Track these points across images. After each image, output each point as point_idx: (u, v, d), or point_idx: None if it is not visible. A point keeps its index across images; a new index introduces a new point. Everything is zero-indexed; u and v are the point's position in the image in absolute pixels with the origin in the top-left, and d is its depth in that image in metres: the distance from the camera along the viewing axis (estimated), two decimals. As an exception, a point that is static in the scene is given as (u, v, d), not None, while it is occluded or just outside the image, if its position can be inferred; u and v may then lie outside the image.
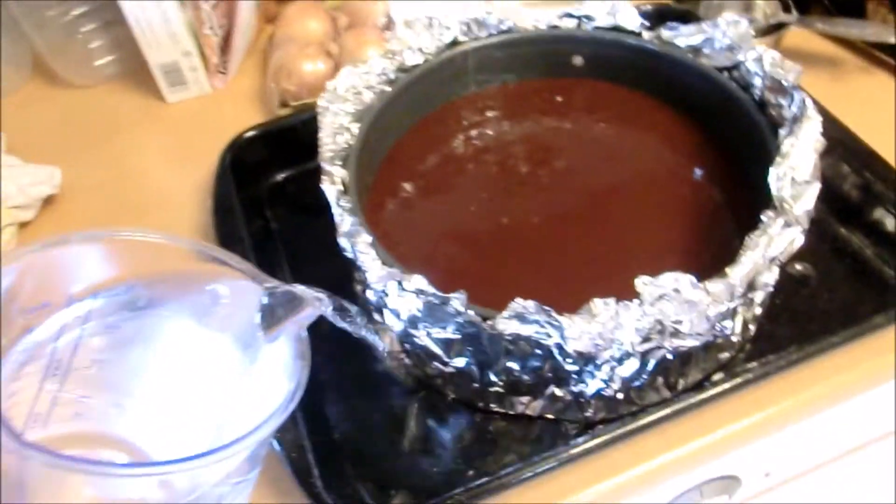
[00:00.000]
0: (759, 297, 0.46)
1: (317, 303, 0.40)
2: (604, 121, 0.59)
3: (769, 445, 0.51)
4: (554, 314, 0.40)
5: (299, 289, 0.40)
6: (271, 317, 0.40)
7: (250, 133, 0.62)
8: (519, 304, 0.40)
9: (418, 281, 0.41)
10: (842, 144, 0.56)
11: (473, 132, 0.59)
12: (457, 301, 0.41)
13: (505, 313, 0.40)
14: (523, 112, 0.60)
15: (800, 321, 0.50)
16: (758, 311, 0.48)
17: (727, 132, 0.55)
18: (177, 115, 0.72)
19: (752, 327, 0.49)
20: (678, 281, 0.40)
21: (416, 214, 0.54)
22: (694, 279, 0.40)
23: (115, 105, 0.74)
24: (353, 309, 0.42)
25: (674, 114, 0.58)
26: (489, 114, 0.60)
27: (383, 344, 0.46)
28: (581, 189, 0.55)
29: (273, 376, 0.40)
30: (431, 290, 0.41)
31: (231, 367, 0.42)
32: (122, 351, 0.41)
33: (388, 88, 0.56)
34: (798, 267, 0.53)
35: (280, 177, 0.63)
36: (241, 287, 0.41)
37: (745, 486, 0.56)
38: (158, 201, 0.65)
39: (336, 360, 0.49)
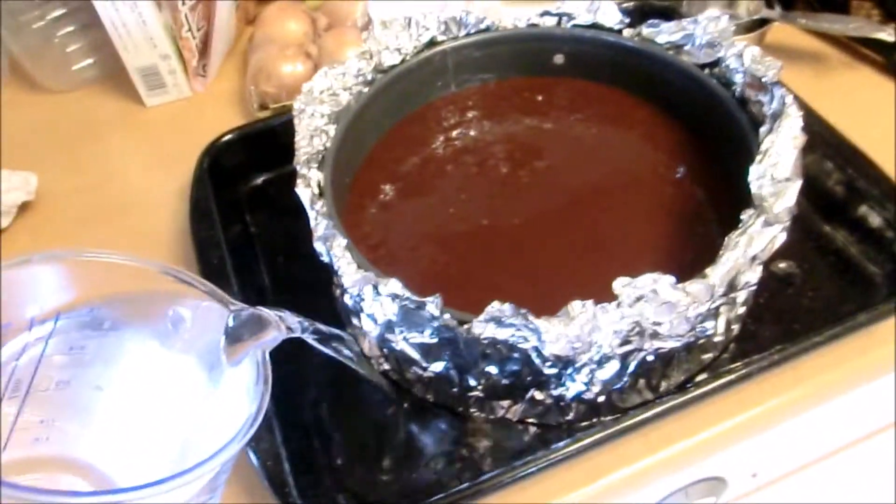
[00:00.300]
0: (741, 296, 0.46)
1: (281, 326, 0.39)
2: (585, 120, 0.58)
3: (755, 446, 0.50)
4: (531, 317, 0.39)
5: (265, 312, 0.39)
6: (236, 340, 0.39)
7: (228, 136, 0.61)
8: (495, 307, 0.39)
9: (394, 285, 0.41)
10: (825, 141, 0.55)
11: (453, 133, 0.58)
12: (432, 305, 0.40)
13: (481, 317, 0.39)
14: (503, 112, 0.59)
15: (784, 320, 0.50)
16: (741, 310, 0.47)
17: (708, 130, 0.54)
18: (156, 119, 0.71)
19: (735, 327, 0.48)
20: (656, 282, 0.39)
21: (396, 216, 0.53)
22: (673, 280, 0.39)
23: (93, 110, 0.73)
24: (332, 333, 0.42)
25: (655, 112, 0.57)
26: (469, 114, 0.59)
27: (366, 371, 0.45)
28: (562, 189, 0.54)
29: (236, 399, 0.39)
30: (406, 294, 0.40)
31: (195, 389, 0.41)
32: (85, 371, 0.40)
33: (366, 89, 0.55)
34: (782, 265, 0.52)
35: (259, 180, 0.62)
36: (206, 309, 0.40)
37: (732, 488, 0.55)
38: (136, 206, 0.64)
39: (313, 367, 0.48)
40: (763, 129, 0.47)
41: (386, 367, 0.48)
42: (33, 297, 0.39)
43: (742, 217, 0.42)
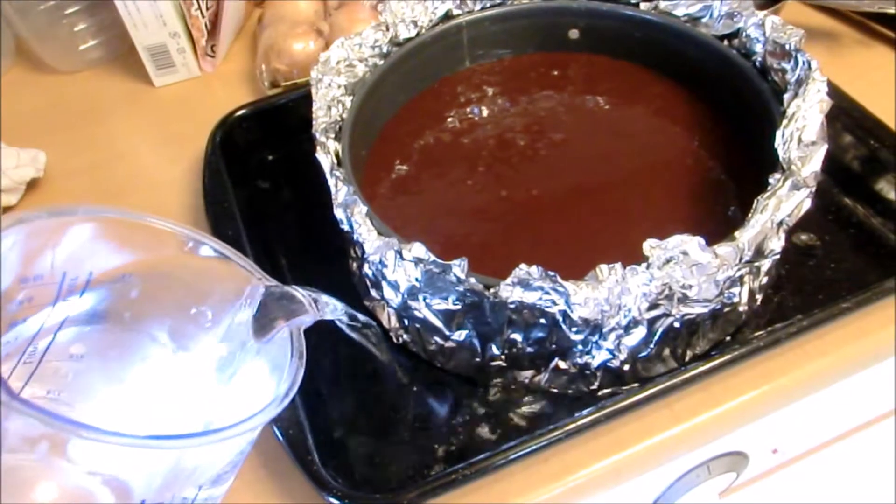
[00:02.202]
0: (765, 265, 0.45)
1: (316, 309, 0.39)
2: (602, 94, 0.58)
3: (778, 420, 0.50)
4: (559, 280, 0.38)
5: (300, 293, 0.39)
6: (268, 317, 0.39)
7: (241, 111, 0.61)
8: (523, 269, 0.38)
9: (418, 249, 0.40)
10: (845, 113, 0.55)
11: (469, 108, 0.58)
12: (457, 268, 0.39)
13: (508, 280, 0.39)
14: (519, 87, 0.59)
15: (807, 291, 0.49)
16: (764, 280, 0.47)
17: (728, 102, 0.54)
18: (165, 98, 0.71)
19: (759, 297, 0.47)
20: (686, 243, 0.39)
21: (414, 189, 0.53)
22: (702, 241, 0.39)
23: (102, 90, 0.72)
24: (363, 318, 0.42)
25: (673, 85, 0.57)
26: (484, 89, 0.59)
27: (387, 357, 0.45)
28: (580, 161, 0.54)
29: (261, 377, 0.39)
30: (431, 257, 0.40)
31: (207, 387, 0.41)
32: (96, 361, 0.39)
33: (381, 62, 0.54)
34: (803, 237, 0.52)
35: (271, 156, 0.61)
36: (235, 289, 0.40)
37: (754, 464, 0.55)
38: (146, 184, 0.63)
39: (333, 339, 0.48)
40: (787, 96, 0.47)
41: (406, 338, 0.47)
42: (71, 251, 0.38)
43: (770, 181, 0.42)
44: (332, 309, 0.40)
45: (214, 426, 0.38)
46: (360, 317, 0.42)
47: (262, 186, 0.59)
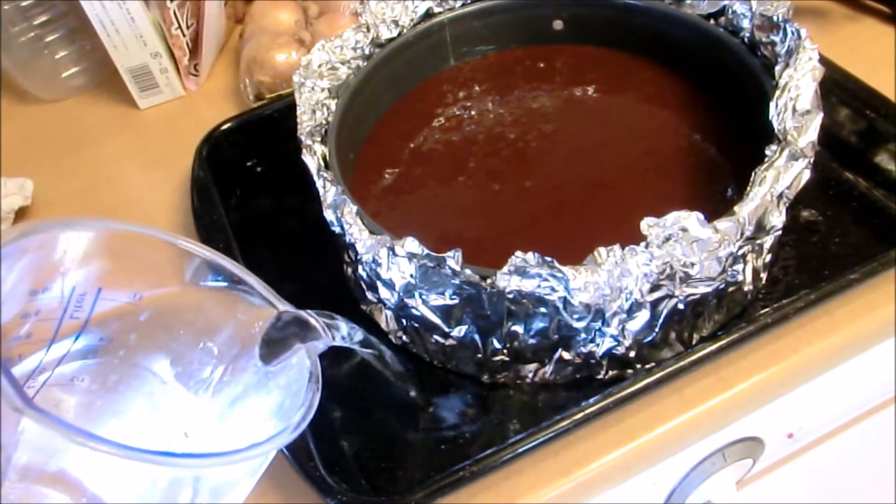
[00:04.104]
0: (768, 242, 0.44)
1: (329, 335, 0.38)
2: (590, 84, 0.57)
3: (791, 402, 0.48)
4: (557, 265, 0.37)
5: (312, 318, 0.38)
6: (277, 342, 0.38)
7: (226, 125, 0.60)
8: (519, 257, 0.37)
9: (410, 244, 0.39)
10: (839, 86, 0.54)
11: (457, 105, 0.57)
12: (452, 260, 0.38)
13: (504, 269, 0.38)
14: (506, 82, 0.58)
15: (811, 268, 0.48)
16: (768, 258, 0.46)
17: (719, 81, 0.53)
18: (150, 120, 0.70)
19: (763, 275, 0.46)
20: (685, 220, 0.38)
21: (405, 189, 0.52)
22: (701, 216, 0.38)
23: (87, 116, 0.71)
24: (376, 342, 0.41)
25: (662, 69, 0.56)
26: (471, 86, 0.58)
27: (399, 371, 0.44)
28: (572, 152, 0.53)
29: (268, 408, 0.38)
30: (425, 251, 0.39)
31: (215, 409, 0.40)
32: (98, 390, 0.38)
33: (364, 64, 0.54)
34: (805, 214, 0.51)
35: (259, 168, 0.61)
36: (247, 320, 0.39)
37: (770, 450, 0.53)
38: (135, 206, 0.62)
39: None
40: (778, 67, 0.46)
41: (405, 339, 0.46)
42: (83, 266, 0.36)
43: (766, 152, 0.41)
44: (348, 337, 0.39)
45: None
46: (374, 340, 0.41)
47: (251, 198, 0.58)
